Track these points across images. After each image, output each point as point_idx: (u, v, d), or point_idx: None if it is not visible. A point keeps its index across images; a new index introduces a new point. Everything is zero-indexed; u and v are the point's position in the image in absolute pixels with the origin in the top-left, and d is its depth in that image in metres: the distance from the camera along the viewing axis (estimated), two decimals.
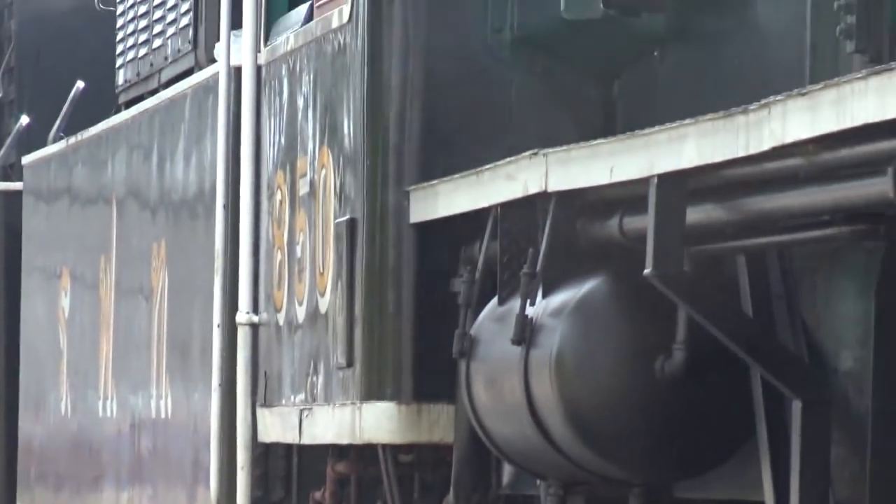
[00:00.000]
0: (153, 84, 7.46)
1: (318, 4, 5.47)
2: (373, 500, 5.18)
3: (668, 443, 3.65)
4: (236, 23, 5.87)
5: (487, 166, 4.21)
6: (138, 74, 7.75)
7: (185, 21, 6.92)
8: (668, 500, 3.91)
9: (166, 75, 7.27)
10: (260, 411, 5.68)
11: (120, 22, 8.07)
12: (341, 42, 5.19)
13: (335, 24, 5.22)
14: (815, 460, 3.16)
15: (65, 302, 8.44)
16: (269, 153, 5.68)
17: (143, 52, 7.67)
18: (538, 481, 4.19)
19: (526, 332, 3.81)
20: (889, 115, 2.50)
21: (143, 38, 7.64)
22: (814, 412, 3.15)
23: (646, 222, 3.30)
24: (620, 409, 3.60)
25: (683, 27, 4.48)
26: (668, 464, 3.72)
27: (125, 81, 7.94)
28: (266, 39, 5.85)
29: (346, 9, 5.16)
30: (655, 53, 4.57)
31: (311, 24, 5.48)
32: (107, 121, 8.04)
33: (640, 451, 3.65)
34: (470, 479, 4.52)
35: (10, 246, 9.44)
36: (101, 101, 8.61)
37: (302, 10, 5.74)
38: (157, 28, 7.39)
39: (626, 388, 3.65)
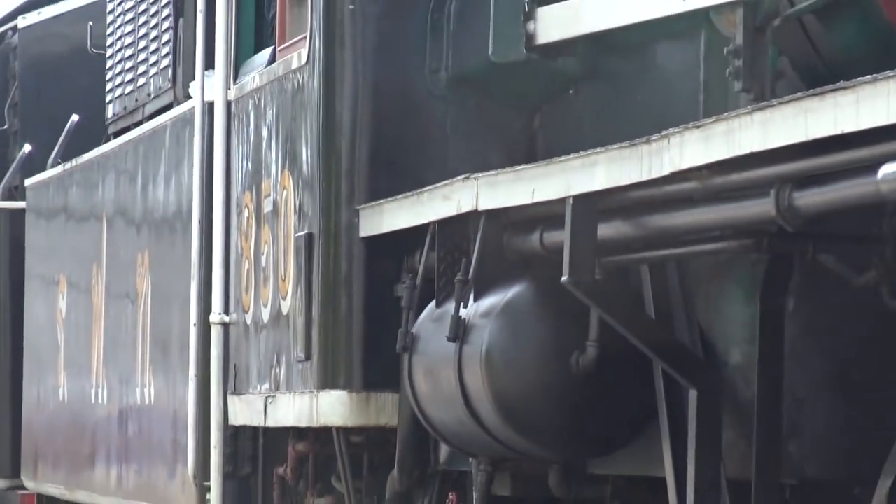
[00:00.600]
0: (138, 117, 7.49)
1: (280, 48, 5.47)
2: (328, 475, 5.21)
3: (582, 426, 3.63)
4: (209, 64, 5.88)
5: (426, 188, 4.20)
6: (125, 108, 7.80)
7: (165, 62, 6.96)
8: (582, 476, 3.85)
9: (149, 109, 7.30)
10: (230, 398, 5.69)
11: (109, 63, 8.12)
12: (300, 81, 5.15)
13: (294, 65, 5.21)
14: (709, 441, 3.15)
15: (62, 304, 8.46)
16: (238, 176, 5.68)
17: (129, 89, 7.71)
18: (470, 459, 4.18)
19: (459, 331, 3.77)
20: (771, 145, 2.49)
21: (129, 77, 7.70)
22: (707, 400, 3.15)
23: (563, 237, 3.27)
24: (541, 397, 3.60)
25: (595, 68, 4.44)
26: (582, 444, 3.69)
27: (114, 115, 7.99)
28: (235, 78, 5.84)
29: (304, 52, 5.13)
30: (571, 91, 4.53)
31: (274, 65, 5.48)
32: (98, 149, 8.07)
33: (558, 433, 3.61)
34: (412, 458, 4.53)
35: (14, 256, 9.40)
36: (93, 132, 8.53)
37: (266, 53, 5.76)
38: (141, 69, 7.43)
39: (546, 379, 3.62)
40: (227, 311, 5.64)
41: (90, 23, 8.60)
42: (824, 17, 3.15)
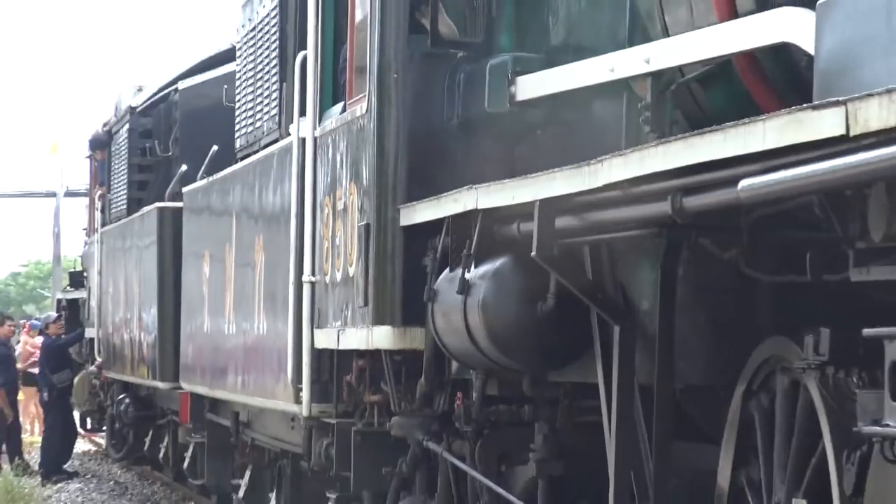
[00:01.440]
0: (256, 148, 6.82)
1: (349, 102, 4.95)
2: (378, 381, 4.83)
3: (544, 349, 3.47)
4: (302, 112, 5.39)
5: (443, 194, 3.94)
6: (247, 142, 7.14)
7: (273, 112, 6.34)
8: (544, 382, 3.66)
9: (263, 143, 6.70)
10: (316, 331, 5.28)
11: (237, 112, 7.46)
12: (361, 125, 4.70)
13: (358, 114, 4.72)
14: (627, 361, 2.98)
15: (206, 270, 7.73)
16: (321, 186, 5.23)
17: (250, 129, 7.06)
18: (471, 371, 3.96)
19: (465, 288, 3.57)
20: (668, 167, 2.39)
21: (250, 122, 7.03)
22: (626, 334, 2.98)
23: (532, 227, 3.10)
24: (517, 330, 3.42)
25: (554, 117, 4.16)
26: (544, 361, 3.54)
27: (240, 146, 7.31)
28: (319, 122, 5.30)
29: (364, 105, 4.63)
30: (538, 132, 4.28)
31: (345, 114, 4.98)
32: (229, 168, 7.55)
33: (529, 353, 3.48)
34: (433, 370, 4.24)
35: (176, 239, 8.90)
36: (227, 157, 7.76)
37: (339, 105, 5.26)
38: (258, 116, 6.80)
39: (521, 319, 3.44)
40: (313, 274, 5.28)
41: (225, 86, 8.15)
42: (704, 84, 2.99)
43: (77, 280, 14.41)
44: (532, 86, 3.83)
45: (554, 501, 3.59)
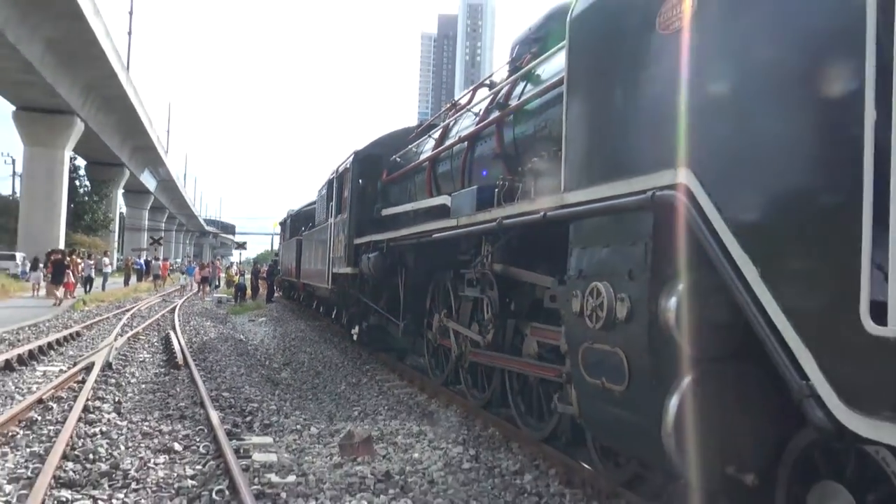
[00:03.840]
0: (320, 225, 14.43)
1: (342, 213, 10.24)
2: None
3: (384, 271, 8.13)
4: (331, 215, 12.47)
5: (366, 235, 8.49)
6: (317, 222, 14.77)
7: (324, 215, 13.82)
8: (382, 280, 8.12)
9: (319, 223, 14.41)
10: (332, 270, 10.30)
11: (317, 216, 15.28)
12: (344, 218, 10.33)
13: (344, 216, 10.43)
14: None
15: (305, 254, 16.71)
16: (334, 231, 11.32)
17: (318, 220, 15.08)
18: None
19: (358, 260, 8.53)
20: (519, 219, 4.02)
21: (321, 217, 14.34)
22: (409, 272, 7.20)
23: (385, 241, 7.62)
24: (375, 269, 8.85)
25: (396, 222, 8.31)
26: (386, 275, 8.66)
27: (316, 223, 15.22)
28: (334, 218, 11.21)
29: (346, 214, 10.12)
30: (390, 223, 8.38)
31: (341, 215, 10.47)
32: (315, 229, 15.30)
33: (381, 272, 8.35)
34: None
35: (298, 245, 20.08)
36: (301, 226, 17.20)
37: (341, 214, 10.71)
38: (320, 216, 14.34)
39: (377, 266, 8.24)
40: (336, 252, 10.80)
41: (314, 207, 16.62)
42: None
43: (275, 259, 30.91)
44: (387, 212, 9.22)
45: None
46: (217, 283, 35.07)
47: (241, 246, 58.48)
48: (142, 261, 41.85)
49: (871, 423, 2.10)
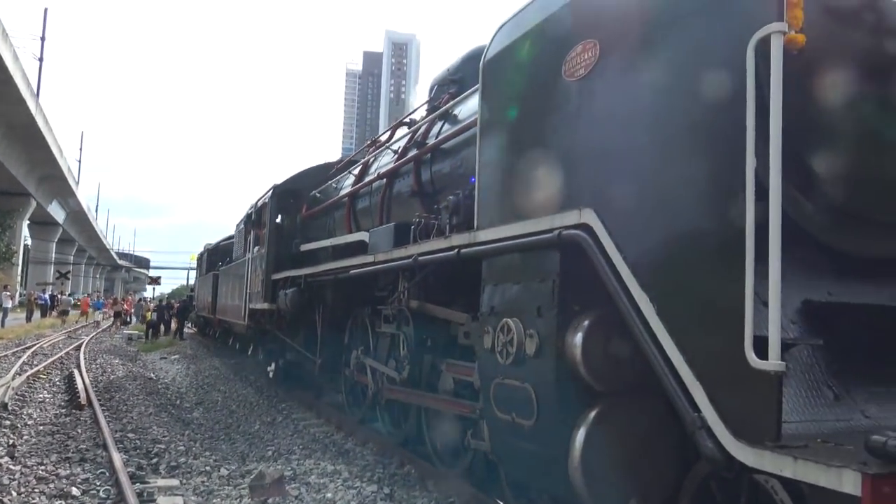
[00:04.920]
0: (237, 260, 15.21)
1: (259, 247, 10.97)
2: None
3: (300, 307, 9.43)
4: (249, 249, 13.19)
5: (285, 271, 10.91)
6: (235, 257, 15.42)
7: (242, 250, 14.27)
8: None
9: (236, 257, 15.01)
10: (248, 305, 12.46)
11: (234, 250, 15.68)
12: (262, 253, 10.53)
13: (263, 251, 10.41)
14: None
15: (222, 287, 16.59)
16: (251, 268, 12.38)
17: (236, 254, 15.51)
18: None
19: (279, 293, 10.69)
20: (435, 255, 4.35)
21: (239, 252, 15.07)
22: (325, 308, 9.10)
23: (303, 275, 9.03)
24: (291, 305, 10.57)
25: (315, 257, 9.06)
26: (302, 310, 9.61)
27: (233, 258, 16.06)
28: (252, 252, 12.83)
29: (264, 248, 10.49)
30: (308, 258, 10.91)
31: (258, 249, 10.78)
32: (232, 264, 15.98)
33: (296, 307, 10.63)
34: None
35: (215, 279, 18.71)
36: (230, 261, 16.80)
37: (258, 248, 11.34)
38: (239, 251, 15.01)
39: (294, 301, 11.16)
40: (249, 288, 12.82)
41: (232, 242, 17.09)
42: None
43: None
44: (307, 248, 9.46)
45: None
46: (129, 319, 34.12)
47: (155, 281, 56.79)
48: (46, 295, 40.28)
49: (755, 452, 2.22)
